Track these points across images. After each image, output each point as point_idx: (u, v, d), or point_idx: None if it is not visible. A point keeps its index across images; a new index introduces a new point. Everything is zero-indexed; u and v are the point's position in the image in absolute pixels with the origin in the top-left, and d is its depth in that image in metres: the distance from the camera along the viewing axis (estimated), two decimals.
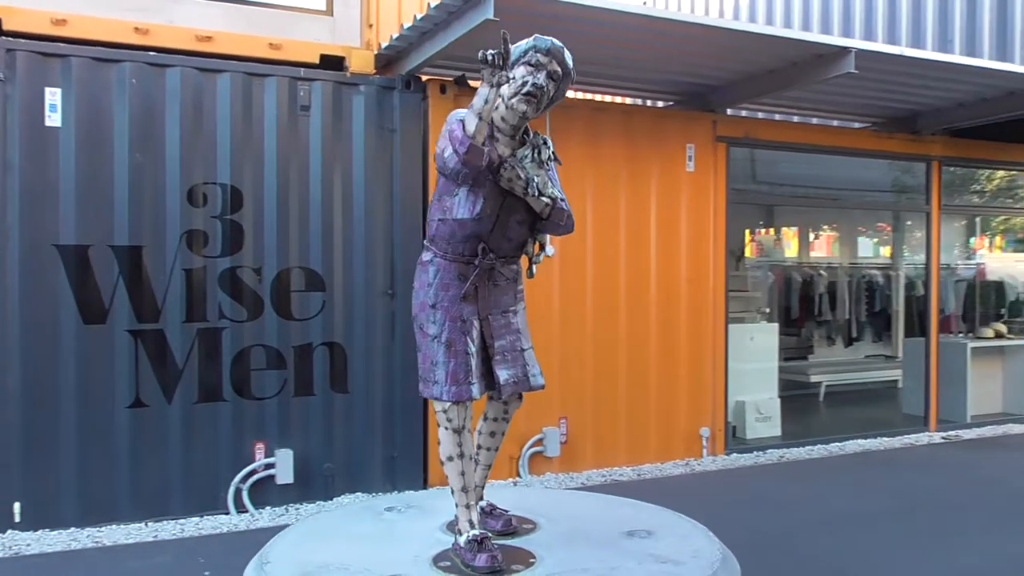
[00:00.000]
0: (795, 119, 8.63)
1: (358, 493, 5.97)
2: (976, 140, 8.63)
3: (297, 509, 5.71)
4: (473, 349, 2.89)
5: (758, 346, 8.14)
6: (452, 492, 2.89)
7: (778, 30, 7.73)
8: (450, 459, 2.87)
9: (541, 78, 2.79)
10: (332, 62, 6.07)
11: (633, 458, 6.99)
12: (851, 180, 8.82)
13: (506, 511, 3.16)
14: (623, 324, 6.96)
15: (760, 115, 8.60)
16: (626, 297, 6.97)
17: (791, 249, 12.16)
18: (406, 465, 6.16)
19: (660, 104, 8.12)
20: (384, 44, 6.15)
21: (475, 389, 2.86)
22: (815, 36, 6.89)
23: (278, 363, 5.78)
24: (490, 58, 2.57)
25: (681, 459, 7.17)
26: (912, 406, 8.96)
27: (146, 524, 5.35)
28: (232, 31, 6.24)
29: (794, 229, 12.19)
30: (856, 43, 6.32)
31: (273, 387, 5.78)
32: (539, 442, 6.60)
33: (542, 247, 3.04)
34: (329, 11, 6.96)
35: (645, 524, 3.15)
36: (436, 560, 2.80)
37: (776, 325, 8.77)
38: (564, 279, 6.73)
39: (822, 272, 11.22)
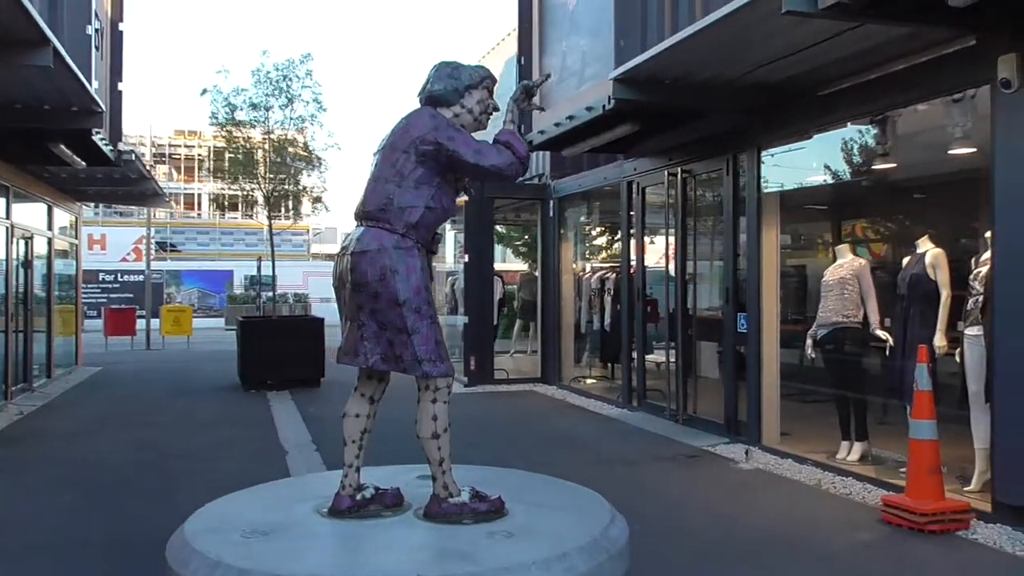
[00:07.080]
0: None
1: None
2: None
3: None
4: None
5: None
6: (440, 462, 3.09)
7: None
8: (445, 431, 3.10)
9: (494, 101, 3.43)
10: None
11: None
12: None
13: (390, 489, 3.35)
14: None
15: None
16: None
17: None
18: None
19: None
20: None
21: None
22: None
23: None
24: (532, 89, 3.12)
25: None
26: None
27: None
28: None
29: None
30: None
31: None
32: None
33: None
34: None
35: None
36: (459, 520, 3.06)
37: None
38: None
39: None
